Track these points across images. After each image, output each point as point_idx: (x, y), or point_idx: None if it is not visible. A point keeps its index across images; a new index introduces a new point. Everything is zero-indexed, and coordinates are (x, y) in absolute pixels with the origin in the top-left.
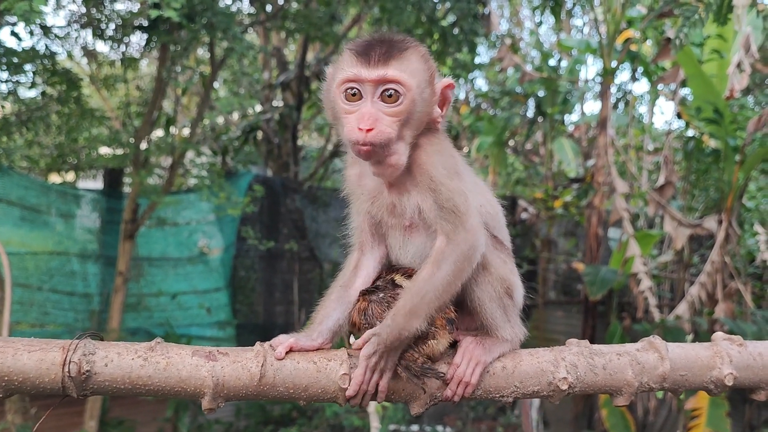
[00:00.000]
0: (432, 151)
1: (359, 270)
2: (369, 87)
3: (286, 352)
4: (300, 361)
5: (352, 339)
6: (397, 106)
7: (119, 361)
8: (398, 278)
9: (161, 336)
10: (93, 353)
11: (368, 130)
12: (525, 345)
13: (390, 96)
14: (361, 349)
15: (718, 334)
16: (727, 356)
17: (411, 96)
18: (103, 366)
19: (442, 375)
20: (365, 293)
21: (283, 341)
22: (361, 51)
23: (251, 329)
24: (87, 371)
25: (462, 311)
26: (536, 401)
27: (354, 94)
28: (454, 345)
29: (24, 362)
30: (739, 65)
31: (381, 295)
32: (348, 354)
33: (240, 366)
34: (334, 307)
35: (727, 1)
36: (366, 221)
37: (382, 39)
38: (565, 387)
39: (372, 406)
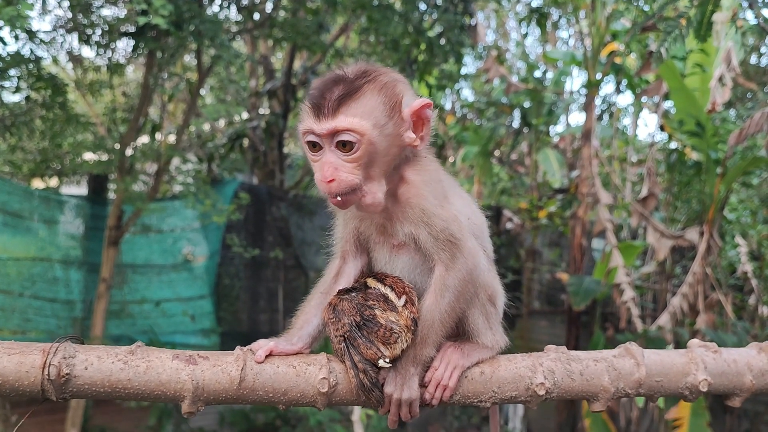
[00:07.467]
0: (419, 182)
1: (340, 277)
2: (325, 138)
3: (266, 356)
4: (280, 365)
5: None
6: (353, 154)
7: (99, 364)
8: (370, 281)
9: (145, 343)
10: (73, 356)
11: (330, 181)
12: (508, 354)
13: (344, 145)
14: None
15: (694, 341)
16: (702, 362)
17: (367, 139)
18: (83, 369)
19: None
20: (341, 292)
21: (263, 345)
22: (313, 102)
23: (235, 337)
24: (67, 374)
25: None
26: (520, 410)
27: (314, 145)
28: None
29: (3, 365)
30: (720, 79)
31: (353, 294)
32: (327, 358)
33: (220, 370)
34: (314, 313)
35: (707, 17)
36: (352, 233)
37: (335, 81)
38: (542, 392)
39: (356, 415)
